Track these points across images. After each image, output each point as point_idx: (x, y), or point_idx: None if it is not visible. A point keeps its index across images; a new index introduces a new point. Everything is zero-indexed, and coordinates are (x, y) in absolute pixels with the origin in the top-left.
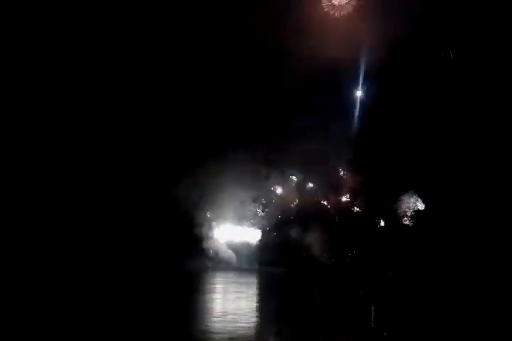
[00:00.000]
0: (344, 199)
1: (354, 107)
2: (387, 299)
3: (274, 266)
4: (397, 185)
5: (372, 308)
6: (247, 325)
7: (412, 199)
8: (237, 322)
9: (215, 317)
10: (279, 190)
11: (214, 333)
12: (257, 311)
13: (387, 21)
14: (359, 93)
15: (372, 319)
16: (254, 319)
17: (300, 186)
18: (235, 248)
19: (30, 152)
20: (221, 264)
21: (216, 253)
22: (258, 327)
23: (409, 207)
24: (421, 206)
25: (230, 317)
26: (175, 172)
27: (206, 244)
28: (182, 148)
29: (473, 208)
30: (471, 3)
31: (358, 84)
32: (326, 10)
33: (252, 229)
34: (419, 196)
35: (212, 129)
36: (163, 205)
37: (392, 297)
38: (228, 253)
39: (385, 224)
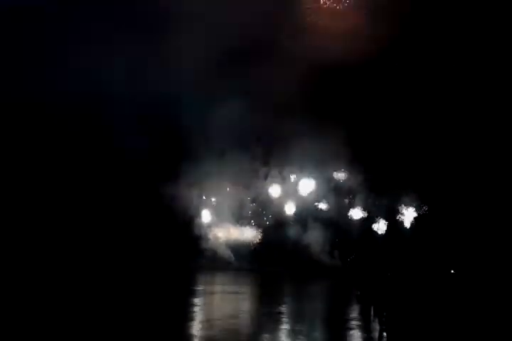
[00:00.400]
0: (344, 199)
1: (354, 106)
2: (387, 299)
3: (273, 266)
4: (398, 186)
5: (372, 308)
6: (245, 327)
7: (413, 201)
8: (236, 324)
9: (214, 320)
10: (278, 190)
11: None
12: (256, 313)
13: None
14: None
15: (372, 319)
16: (253, 321)
17: (299, 185)
18: (233, 248)
19: (28, 152)
20: (220, 264)
21: (215, 253)
22: (257, 329)
23: (409, 209)
24: (421, 207)
25: (229, 319)
26: (173, 171)
27: (205, 244)
28: (181, 148)
29: (475, 210)
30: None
31: (357, 84)
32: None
33: (250, 228)
34: (420, 197)
35: (211, 128)
36: (161, 205)
37: (391, 297)
38: (227, 253)
39: (385, 224)
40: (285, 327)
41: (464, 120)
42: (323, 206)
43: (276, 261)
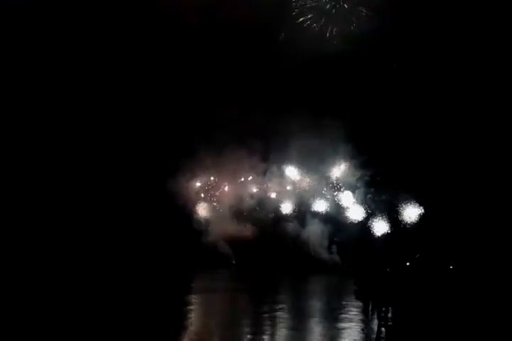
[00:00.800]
0: (343, 194)
1: (355, 102)
2: (385, 295)
3: (271, 261)
4: (398, 182)
5: (370, 304)
6: (246, 323)
7: (412, 197)
8: (236, 321)
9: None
10: (277, 186)
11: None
12: (256, 309)
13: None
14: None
15: (370, 314)
16: (254, 317)
17: (298, 182)
18: (232, 243)
19: (26, 150)
20: (219, 260)
21: (214, 249)
22: (257, 325)
23: (409, 205)
24: (420, 203)
25: (229, 316)
26: (172, 167)
27: (204, 240)
28: (179, 143)
29: (474, 207)
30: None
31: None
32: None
33: (250, 224)
34: (420, 194)
35: (210, 124)
36: (160, 201)
37: (390, 293)
38: (226, 249)
39: (384, 220)
40: (284, 323)
41: (465, 117)
42: (322, 202)
43: (275, 257)
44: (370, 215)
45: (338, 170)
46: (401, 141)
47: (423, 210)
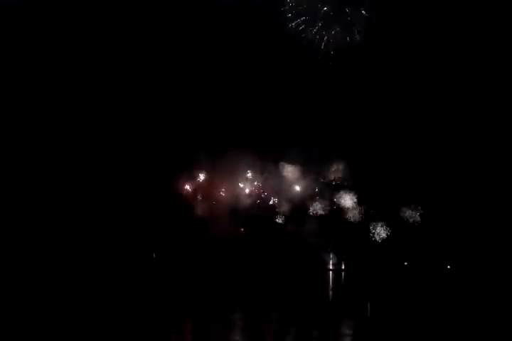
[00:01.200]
0: (341, 195)
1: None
2: (383, 294)
3: (271, 258)
4: (396, 182)
5: (368, 304)
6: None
7: (411, 199)
8: (235, 316)
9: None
10: (274, 184)
11: None
12: (255, 304)
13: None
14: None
15: (368, 313)
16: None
17: (296, 180)
18: (231, 241)
19: (28, 150)
20: (218, 257)
21: (213, 246)
22: (257, 319)
23: (407, 206)
24: (418, 205)
25: (227, 313)
26: (171, 165)
27: (203, 237)
28: (178, 143)
29: (470, 209)
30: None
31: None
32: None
33: (247, 223)
34: (418, 196)
35: (210, 124)
36: (159, 199)
37: (388, 292)
38: (225, 247)
39: (381, 223)
40: (280, 322)
41: (464, 118)
42: (320, 201)
43: (274, 254)
44: (368, 215)
45: (337, 170)
46: (400, 141)
47: (422, 211)
